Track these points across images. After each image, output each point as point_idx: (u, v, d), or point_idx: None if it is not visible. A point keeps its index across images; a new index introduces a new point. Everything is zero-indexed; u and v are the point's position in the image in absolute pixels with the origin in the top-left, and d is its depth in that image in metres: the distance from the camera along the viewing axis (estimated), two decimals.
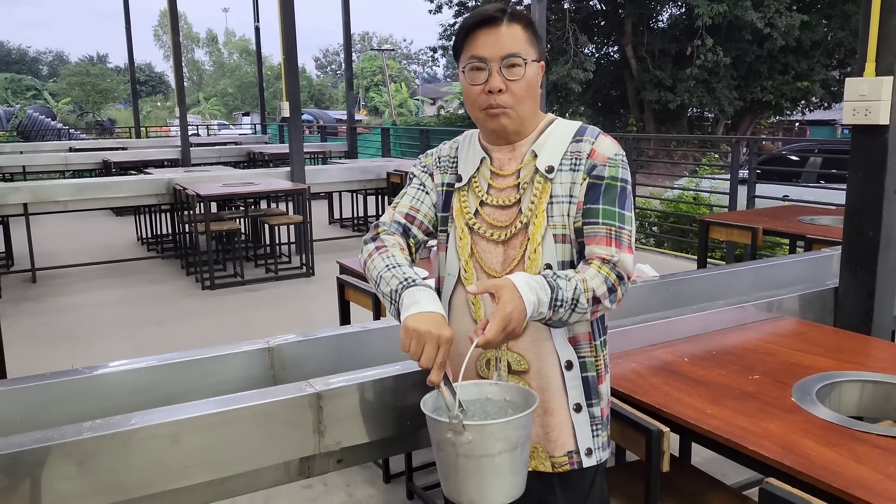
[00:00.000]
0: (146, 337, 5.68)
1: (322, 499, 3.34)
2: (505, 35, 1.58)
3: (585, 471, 1.69)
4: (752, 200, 7.90)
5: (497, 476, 1.41)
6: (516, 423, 1.41)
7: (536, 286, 1.45)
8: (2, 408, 1.91)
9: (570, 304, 1.48)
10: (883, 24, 2.65)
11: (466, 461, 1.40)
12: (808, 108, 20.83)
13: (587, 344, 1.67)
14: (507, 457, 1.40)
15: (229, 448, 1.76)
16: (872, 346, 2.53)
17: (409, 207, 1.77)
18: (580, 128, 1.67)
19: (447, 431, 1.39)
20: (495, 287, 1.44)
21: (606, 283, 1.52)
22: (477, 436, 1.38)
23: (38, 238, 8.01)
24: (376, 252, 1.68)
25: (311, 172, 8.99)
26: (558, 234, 1.61)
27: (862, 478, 1.57)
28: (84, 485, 1.61)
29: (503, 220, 1.65)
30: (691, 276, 3.24)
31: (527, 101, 1.62)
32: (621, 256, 1.55)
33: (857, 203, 2.82)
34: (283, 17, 7.91)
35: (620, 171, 1.61)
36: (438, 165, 1.78)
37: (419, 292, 1.53)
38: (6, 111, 26.32)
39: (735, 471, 3.21)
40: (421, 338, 1.44)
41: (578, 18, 19.59)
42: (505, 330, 1.41)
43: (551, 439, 1.67)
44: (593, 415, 1.68)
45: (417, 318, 1.47)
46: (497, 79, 1.59)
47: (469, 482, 1.42)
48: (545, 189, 1.62)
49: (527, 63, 1.59)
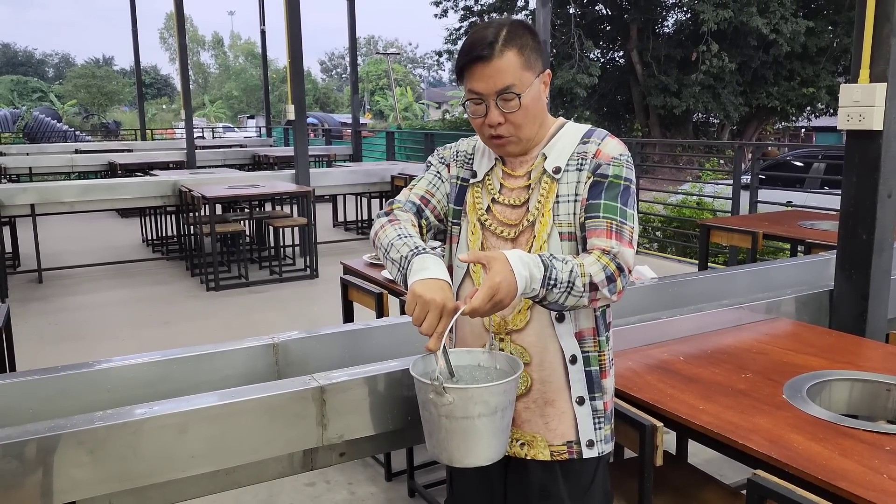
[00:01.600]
0: (151, 337, 5.74)
1: (324, 496, 3.39)
2: (498, 69, 1.60)
3: (587, 461, 1.73)
4: (755, 205, 7.95)
5: (477, 437, 1.48)
6: (496, 388, 1.47)
7: (530, 262, 1.49)
8: (15, 399, 1.97)
9: (566, 285, 1.50)
10: (877, 32, 2.70)
11: (448, 422, 1.47)
12: (813, 114, 20.82)
13: (592, 339, 1.71)
14: (486, 420, 1.47)
15: (235, 439, 1.81)
16: (864, 346, 2.58)
17: (425, 191, 1.82)
18: (588, 130, 1.71)
19: (430, 392, 1.46)
20: (487, 258, 1.48)
21: (605, 271, 1.54)
22: (458, 398, 1.44)
23: (45, 239, 8.08)
24: (389, 224, 1.73)
25: (315, 175, 9.06)
26: (564, 232, 1.66)
27: (846, 470, 1.62)
28: (95, 472, 1.66)
29: (513, 219, 1.71)
30: (690, 278, 3.29)
31: (529, 126, 1.67)
32: (621, 249, 1.58)
33: (852, 207, 2.87)
34: (289, 21, 7.98)
35: (624, 171, 1.65)
36: (456, 159, 1.84)
37: (429, 259, 1.56)
38: (12, 113, 26.42)
39: (733, 471, 3.26)
40: (426, 304, 1.47)
41: (584, 23, 19.60)
42: (492, 299, 1.44)
43: (550, 428, 1.71)
44: (596, 408, 1.73)
45: (425, 283, 1.50)
46: (495, 113, 1.64)
47: (450, 441, 1.49)
48: (552, 189, 1.68)
49: (521, 95, 1.62)
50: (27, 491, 1.61)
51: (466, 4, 20.82)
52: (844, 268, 2.95)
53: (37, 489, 1.62)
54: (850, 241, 2.90)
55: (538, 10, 7.82)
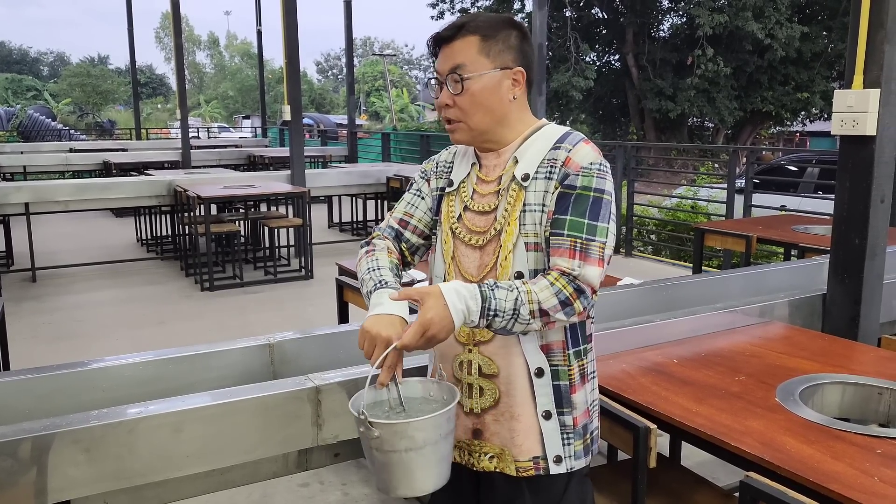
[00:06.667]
0: (145, 337, 5.73)
1: (318, 497, 3.39)
2: (453, 49, 1.61)
3: (555, 478, 1.67)
4: (749, 209, 7.98)
5: (405, 470, 1.49)
6: (420, 423, 1.46)
7: (467, 295, 1.47)
8: (10, 398, 1.97)
9: (510, 314, 1.49)
10: (870, 38, 2.72)
11: (379, 454, 1.48)
12: (808, 118, 20.91)
13: (560, 352, 1.65)
14: (413, 454, 1.47)
15: (230, 439, 1.82)
16: (857, 350, 2.60)
17: (404, 213, 1.81)
18: (563, 134, 1.65)
19: (360, 426, 1.48)
20: (420, 294, 1.49)
21: (558, 296, 1.50)
22: (383, 433, 1.45)
23: (39, 238, 8.07)
24: (365, 256, 1.74)
25: (311, 176, 9.04)
26: (530, 243, 1.61)
27: (837, 472, 1.64)
28: (90, 471, 1.67)
29: (481, 226, 1.67)
30: (684, 281, 3.31)
31: (477, 114, 1.63)
32: (584, 270, 1.52)
33: (845, 212, 2.89)
34: (285, 21, 7.98)
35: (595, 181, 1.57)
36: (436, 171, 1.82)
37: (385, 294, 1.58)
38: (7, 111, 26.36)
39: (725, 474, 3.26)
40: (372, 339, 1.50)
41: (580, 27, 19.65)
42: (424, 335, 1.45)
43: (517, 444, 1.67)
44: (564, 423, 1.66)
45: (375, 319, 1.53)
46: (444, 94, 1.63)
47: (383, 472, 1.51)
48: (519, 197, 1.62)
49: (466, 78, 1.60)
50: (22, 489, 1.62)
51: (463, 6, 20.84)
52: (837, 272, 2.97)
53: (32, 488, 1.63)
54: (844, 245, 2.92)
55: (534, 12, 7.84)
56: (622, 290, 3.08)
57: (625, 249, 8.78)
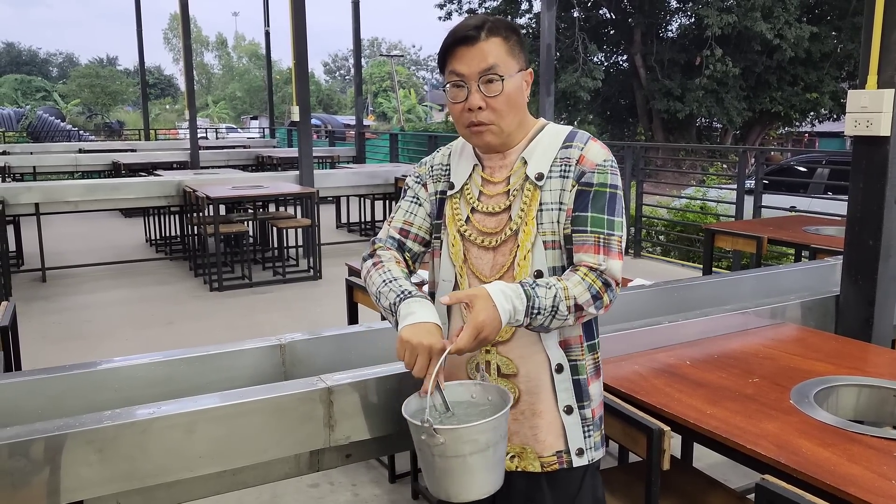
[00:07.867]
0: (155, 337, 5.74)
1: (328, 498, 3.39)
2: (483, 50, 1.58)
3: (574, 470, 1.70)
4: (759, 210, 7.94)
5: (469, 474, 1.49)
6: (484, 426, 1.46)
7: (512, 295, 1.49)
8: (22, 398, 1.97)
9: (550, 311, 1.52)
10: (885, 38, 2.70)
11: (441, 461, 1.48)
12: (817, 119, 20.83)
13: (578, 347, 1.68)
14: (478, 457, 1.47)
15: (242, 440, 1.81)
16: (871, 352, 2.58)
17: (403, 222, 1.80)
18: (570, 133, 1.67)
19: (422, 434, 1.48)
20: (469, 297, 1.50)
21: (590, 290, 1.55)
22: (448, 439, 1.45)
23: (48, 238, 8.09)
24: (373, 269, 1.72)
25: (319, 176, 9.06)
26: (548, 241, 1.63)
27: (854, 476, 1.62)
28: (103, 472, 1.66)
29: (493, 227, 1.67)
30: (696, 283, 3.29)
31: (509, 115, 1.63)
32: (609, 264, 1.57)
33: (858, 213, 2.87)
34: (294, 22, 7.99)
35: (609, 178, 1.62)
36: (431, 175, 1.80)
37: (415, 303, 1.57)
38: (16, 112, 26.44)
39: (738, 476, 3.25)
40: (414, 349, 1.50)
41: (588, 27, 19.61)
42: (477, 338, 1.47)
43: (539, 440, 1.69)
44: (584, 416, 1.70)
45: (412, 329, 1.52)
46: (476, 96, 1.60)
47: (445, 479, 1.50)
48: (535, 196, 1.64)
49: (504, 78, 1.59)
50: (35, 490, 1.62)
51: (471, 7, 20.84)
52: (851, 273, 2.95)
53: (44, 488, 1.62)
54: (857, 246, 2.90)
55: (543, 13, 7.83)
56: (634, 291, 3.06)
57: (634, 250, 8.75)
